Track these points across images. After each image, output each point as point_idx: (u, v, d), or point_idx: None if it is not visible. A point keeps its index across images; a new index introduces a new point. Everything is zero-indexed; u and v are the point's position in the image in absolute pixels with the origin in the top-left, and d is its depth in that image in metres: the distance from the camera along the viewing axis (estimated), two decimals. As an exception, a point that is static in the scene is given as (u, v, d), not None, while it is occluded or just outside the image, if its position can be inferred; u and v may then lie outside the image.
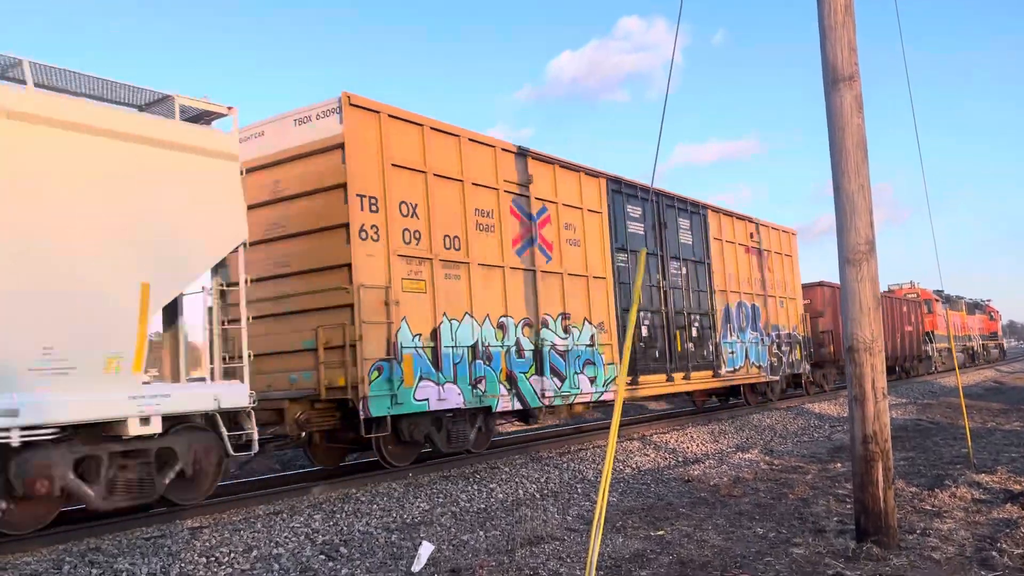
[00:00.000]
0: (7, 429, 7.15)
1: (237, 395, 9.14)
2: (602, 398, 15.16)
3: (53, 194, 7.56)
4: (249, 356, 9.31)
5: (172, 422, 8.66)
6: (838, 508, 8.75)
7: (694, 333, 17.98)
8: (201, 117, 9.22)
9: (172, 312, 9.27)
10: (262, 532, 8.13)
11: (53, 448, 7.68)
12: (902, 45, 11.07)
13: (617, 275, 15.67)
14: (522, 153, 13.68)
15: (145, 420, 8.18)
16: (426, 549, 7.17)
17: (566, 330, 14.21)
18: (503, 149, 13.32)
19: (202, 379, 9.58)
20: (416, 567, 6.95)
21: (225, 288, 9.68)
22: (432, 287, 11.74)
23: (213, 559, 7.31)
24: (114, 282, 7.91)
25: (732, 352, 19.51)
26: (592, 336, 14.79)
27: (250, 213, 9.62)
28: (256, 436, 9.39)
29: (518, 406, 13.38)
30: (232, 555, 7.43)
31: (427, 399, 11.54)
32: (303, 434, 11.15)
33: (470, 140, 12.68)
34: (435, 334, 11.73)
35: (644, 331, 16.16)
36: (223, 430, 9.08)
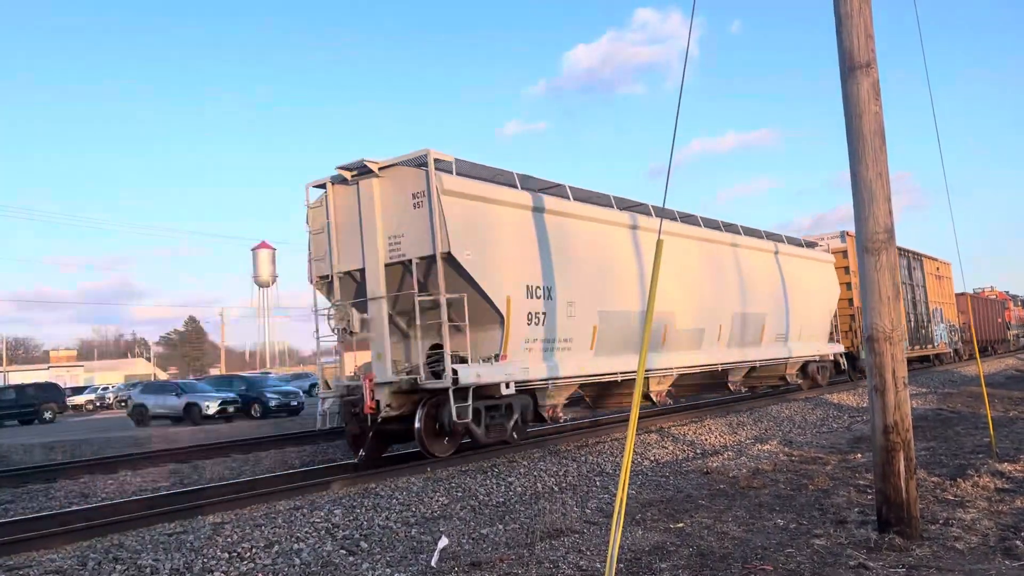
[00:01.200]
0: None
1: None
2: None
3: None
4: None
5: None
6: (859, 499, 8.69)
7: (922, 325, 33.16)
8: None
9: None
10: (283, 527, 8.19)
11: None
12: (919, 30, 10.94)
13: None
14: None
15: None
16: (444, 543, 7.19)
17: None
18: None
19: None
20: (434, 561, 6.97)
21: None
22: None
23: (235, 554, 7.37)
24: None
25: (937, 334, 34.72)
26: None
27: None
28: None
29: None
30: (254, 550, 7.49)
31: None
32: None
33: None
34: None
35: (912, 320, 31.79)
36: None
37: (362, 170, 12.61)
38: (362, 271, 12.76)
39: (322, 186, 13.37)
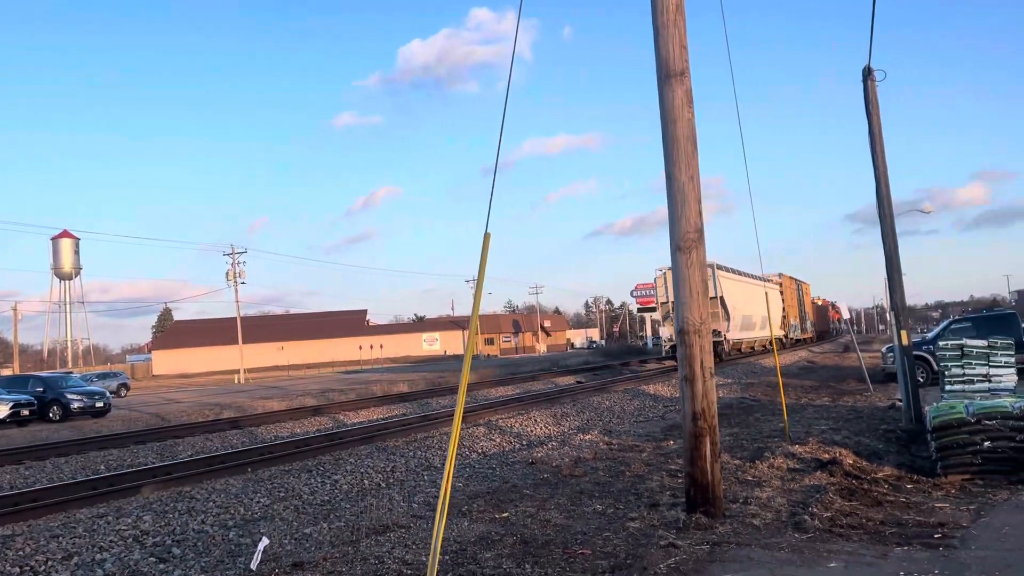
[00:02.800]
0: None
1: None
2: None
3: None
4: None
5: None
6: (671, 483, 9.24)
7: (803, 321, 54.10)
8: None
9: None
10: (84, 537, 7.59)
11: None
12: (727, 43, 11.77)
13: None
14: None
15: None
16: (264, 544, 6.93)
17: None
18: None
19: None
20: (254, 564, 6.71)
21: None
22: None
23: (28, 568, 6.75)
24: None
25: (807, 326, 56.00)
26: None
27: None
28: None
29: None
30: (50, 563, 6.89)
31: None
32: None
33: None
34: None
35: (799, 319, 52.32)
36: None
37: None
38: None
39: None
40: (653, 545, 6.48)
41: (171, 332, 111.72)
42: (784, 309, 46.62)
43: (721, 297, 35.38)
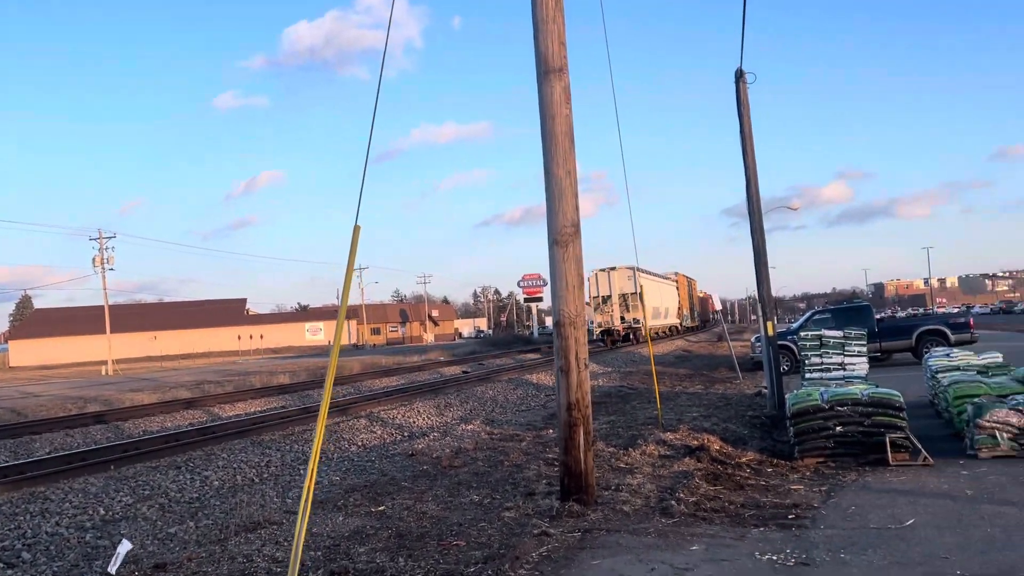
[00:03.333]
0: None
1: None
2: None
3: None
4: None
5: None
6: (547, 471, 9.40)
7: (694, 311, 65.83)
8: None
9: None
10: (-81, 545, 7.01)
11: None
12: (606, 41, 12.00)
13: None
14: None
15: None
16: (124, 547, 6.61)
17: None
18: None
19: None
20: (113, 567, 6.38)
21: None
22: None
23: None
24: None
25: (696, 315, 67.91)
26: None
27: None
28: None
29: None
30: None
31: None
32: None
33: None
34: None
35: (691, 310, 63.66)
36: None
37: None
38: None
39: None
40: (527, 534, 6.57)
41: (31, 321, 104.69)
42: (679, 301, 56.62)
43: (640, 293, 40.83)
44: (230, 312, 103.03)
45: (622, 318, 42.18)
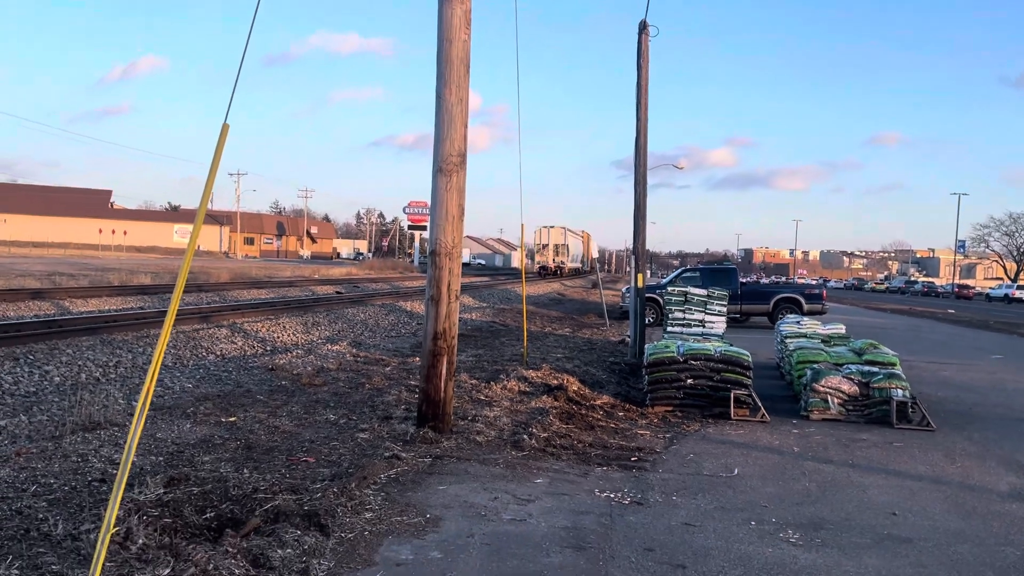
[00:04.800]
0: None
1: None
2: None
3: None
4: None
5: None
6: (408, 398, 9.45)
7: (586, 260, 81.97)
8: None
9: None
10: None
11: None
12: (519, -25, 11.75)
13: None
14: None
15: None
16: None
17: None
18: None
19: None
20: (-70, 457, 5.98)
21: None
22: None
23: None
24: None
25: (586, 263, 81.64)
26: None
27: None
28: None
29: None
30: None
31: None
32: None
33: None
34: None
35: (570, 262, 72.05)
36: None
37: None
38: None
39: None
40: (378, 456, 6.61)
41: None
42: (583, 251, 78.98)
43: (566, 245, 67.33)
44: (93, 203, 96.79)
45: (554, 260, 65.57)
